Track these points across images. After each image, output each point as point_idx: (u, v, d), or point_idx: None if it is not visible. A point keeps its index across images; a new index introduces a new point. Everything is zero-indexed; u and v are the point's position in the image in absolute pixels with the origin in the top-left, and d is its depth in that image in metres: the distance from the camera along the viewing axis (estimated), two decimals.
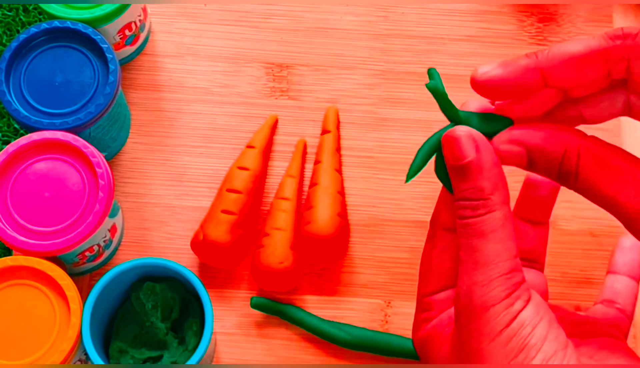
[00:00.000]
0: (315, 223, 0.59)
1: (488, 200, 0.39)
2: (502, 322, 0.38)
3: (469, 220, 0.39)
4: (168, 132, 0.66)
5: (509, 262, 0.38)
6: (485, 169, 0.39)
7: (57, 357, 0.52)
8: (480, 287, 0.38)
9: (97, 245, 0.58)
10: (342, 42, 0.68)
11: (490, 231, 0.39)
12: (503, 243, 0.39)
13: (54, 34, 0.59)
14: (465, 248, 0.39)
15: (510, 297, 0.38)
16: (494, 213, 0.39)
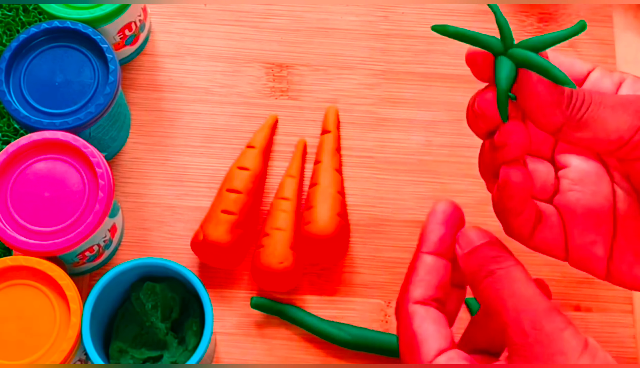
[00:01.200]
0: (315, 223, 0.59)
1: (508, 257, 0.43)
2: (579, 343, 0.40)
3: (498, 273, 0.42)
4: (168, 132, 0.66)
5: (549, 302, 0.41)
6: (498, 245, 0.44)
7: (57, 357, 0.52)
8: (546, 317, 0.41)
9: (97, 245, 0.58)
10: (342, 42, 0.68)
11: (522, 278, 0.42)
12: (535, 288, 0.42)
13: (54, 34, 0.59)
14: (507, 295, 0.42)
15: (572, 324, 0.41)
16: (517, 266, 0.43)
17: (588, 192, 0.46)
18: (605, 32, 0.69)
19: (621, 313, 0.62)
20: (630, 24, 0.70)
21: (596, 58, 0.68)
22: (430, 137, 0.66)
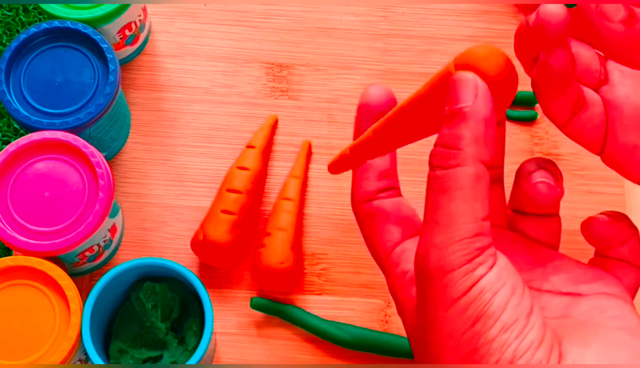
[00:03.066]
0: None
1: (460, 151, 0.35)
2: (459, 288, 0.34)
3: (436, 171, 0.36)
4: (168, 132, 0.66)
5: (473, 225, 0.35)
6: (472, 119, 0.35)
7: (57, 357, 0.52)
8: (439, 250, 0.35)
9: (97, 245, 0.58)
10: (342, 42, 0.68)
11: (456, 188, 0.35)
12: (469, 204, 0.35)
13: (54, 34, 0.59)
14: (429, 204, 0.36)
15: (471, 263, 0.35)
16: (463, 168, 0.35)
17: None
18: None
19: None
20: None
21: None
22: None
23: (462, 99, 0.36)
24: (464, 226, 0.35)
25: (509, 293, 0.35)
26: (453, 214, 0.35)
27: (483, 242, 0.35)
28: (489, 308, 0.34)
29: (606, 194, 0.65)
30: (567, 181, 0.65)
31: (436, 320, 0.35)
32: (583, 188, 0.65)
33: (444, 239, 0.35)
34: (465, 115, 0.36)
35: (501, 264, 0.35)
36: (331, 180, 0.65)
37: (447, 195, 0.35)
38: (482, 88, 0.36)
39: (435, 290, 0.35)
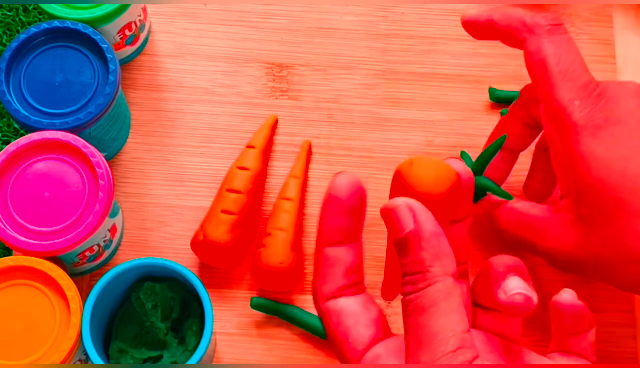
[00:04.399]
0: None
1: (427, 273, 0.36)
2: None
3: (410, 296, 0.37)
4: (168, 132, 0.66)
5: (454, 339, 0.35)
6: (423, 239, 0.36)
7: (57, 357, 0.52)
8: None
9: (97, 245, 0.58)
10: (342, 42, 0.68)
11: (430, 305, 0.36)
12: (446, 318, 0.36)
13: (54, 34, 0.59)
14: (408, 327, 0.37)
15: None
16: (434, 285, 0.36)
17: None
18: (605, 32, 0.69)
19: (621, 313, 0.62)
20: (630, 24, 0.70)
21: (596, 58, 0.68)
22: (430, 137, 0.66)
23: (403, 226, 0.37)
24: (445, 341, 0.35)
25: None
26: (432, 331, 0.35)
27: (466, 356, 0.35)
28: None
29: None
30: None
31: None
32: None
33: (429, 357, 0.35)
34: (414, 238, 0.37)
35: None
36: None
37: (423, 315, 0.36)
38: (417, 206, 0.37)
39: None
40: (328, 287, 0.41)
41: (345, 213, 0.41)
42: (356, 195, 0.41)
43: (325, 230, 0.42)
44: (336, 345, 0.41)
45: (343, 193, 0.41)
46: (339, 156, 0.65)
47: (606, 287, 0.63)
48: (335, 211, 0.41)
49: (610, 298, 0.62)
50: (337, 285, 0.41)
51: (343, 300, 0.41)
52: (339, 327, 0.40)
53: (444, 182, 0.38)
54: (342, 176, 0.42)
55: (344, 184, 0.41)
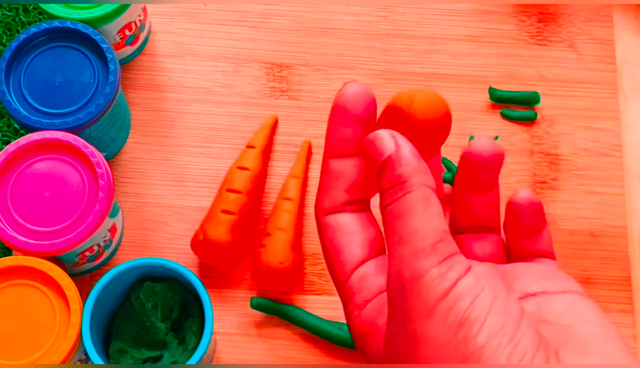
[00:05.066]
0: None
1: (405, 183, 0.36)
2: (435, 293, 0.33)
3: (388, 207, 0.36)
4: (168, 132, 0.66)
5: (434, 234, 0.35)
6: (403, 158, 0.36)
7: (57, 357, 0.52)
8: (407, 261, 0.34)
9: (97, 245, 0.58)
10: (342, 42, 0.68)
11: (408, 210, 0.35)
12: (425, 220, 0.35)
13: (54, 34, 0.59)
14: (388, 233, 0.36)
15: (441, 265, 0.34)
16: (412, 193, 0.35)
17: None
18: (605, 32, 0.69)
19: (621, 313, 0.62)
20: (630, 24, 0.70)
21: (596, 58, 0.68)
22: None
23: (385, 150, 0.36)
24: (425, 235, 0.35)
25: (491, 297, 0.34)
26: (412, 230, 0.35)
27: (447, 248, 0.35)
28: (471, 313, 0.33)
29: (606, 194, 0.65)
30: (567, 181, 0.65)
31: (418, 333, 0.33)
32: (583, 188, 0.65)
33: (409, 250, 0.34)
34: (395, 159, 0.36)
35: (478, 271, 0.35)
36: None
37: (402, 218, 0.35)
38: (398, 134, 0.37)
39: (411, 301, 0.34)
40: (329, 201, 0.39)
41: (353, 124, 0.39)
42: (366, 105, 0.39)
43: (331, 141, 0.39)
44: (328, 261, 0.40)
45: (351, 103, 0.39)
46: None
47: (606, 287, 0.63)
48: (342, 121, 0.39)
49: (611, 298, 0.62)
50: (338, 200, 0.39)
51: (342, 216, 0.39)
52: (332, 243, 0.39)
53: (439, 108, 0.38)
54: (351, 85, 0.39)
55: (353, 93, 0.39)
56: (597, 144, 0.66)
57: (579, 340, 0.35)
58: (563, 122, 0.67)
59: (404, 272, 0.34)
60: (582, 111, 0.67)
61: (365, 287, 0.38)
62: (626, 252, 0.63)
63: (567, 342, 0.35)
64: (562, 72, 0.68)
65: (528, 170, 0.65)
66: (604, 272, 0.63)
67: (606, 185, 0.65)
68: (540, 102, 0.67)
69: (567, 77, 0.68)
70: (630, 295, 0.62)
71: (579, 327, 0.36)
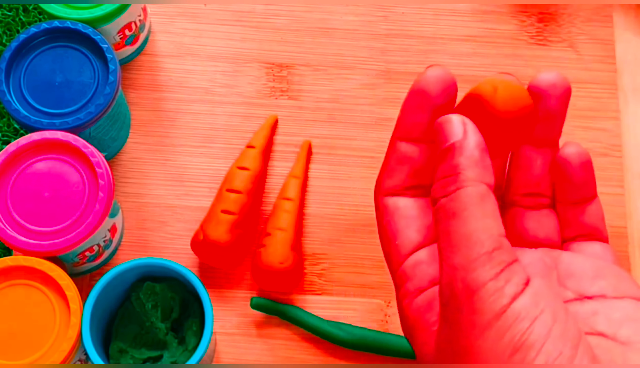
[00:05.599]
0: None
1: (459, 175, 0.34)
2: (491, 309, 0.32)
3: (440, 201, 0.34)
4: (168, 132, 0.66)
5: (489, 240, 0.33)
6: (467, 148, 0.34)
7: (57, 357, 0.52)
8: (461, 271, 0.33)
9: (97, 245, 0.58)
10: (342, 42, 0.68)
11: (462, 209, 0.33)
12: (480, 222, 0.33)
13: (54, 34, 0.59)
14: (440, 234, 0.34)
15: (497, 279, 0.32)
16: (465, 189, 0.34)
17: None
18: (605, 32, 0.69)
19: None
20: (630, 24, 0.70)
21: (596, 58, 0.68)
22: None
23: (452, 136, 0.35)
24: (480, 242, 0.33)
25: (550, 321, 0.32)
26: (466, 234, 0.33)
27: (504, 257, 0.33)
28: (528, 337, 0.31)
29: (606, 194, 0.65)
30: None
31: (471, 349, 0.32)
32: None
33: (463, 259, 0.33)
34: (458, 147, 0.35)
35: (535, 287, 0.33)
36: (331, 180, 0.65)
37: (455, 219, 0.34)
38: (470, 124, 0.35)
39: (465, 315, 0.32)
40: (391, 182, 0.38)
41: (429, 110, 0.38)
42: (445, 91, 0.38)
43: (403, 123, 0.38)
44: (383, 244, 0.38)
45: (431, 87, 0.37)
46: (339, 156, 0.65)
47: None
48: (418, 105, 0.38)
49: None
50: (402, 183, 0.38)
51: (402, 200, 0.38)
52: (389, 226, 0.38)
53: (522, 101, 0.36)
54: (434, 69, 0.38)
55: (434, 78, 0.37)
56: (597, 144, 0.66)
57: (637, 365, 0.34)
58: None
59: (457, 282, 0.33)
60: (581, 111, 0.67)
61: (418, 275, 0.36)
62: (626, 252, 0.63)
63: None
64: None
65: None
66: None
67: (606, 185, 0.65)
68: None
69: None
70: None
71: (636, 345, 0.34)
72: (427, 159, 0.38)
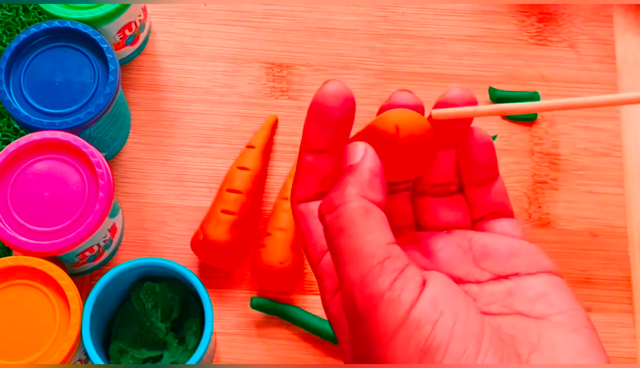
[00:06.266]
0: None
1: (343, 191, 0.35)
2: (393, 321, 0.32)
3: (326, 218, 0.35)
4: (168, 132, 0.66)
5: (380, 250, 0.34)
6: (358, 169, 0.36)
7: (57, 357, 0.52)
8: (358, 286, 0.33)
9: (97, 245, 0.58)
10: (342, 42, 0.68)
11: (348, 225, 0.34)
12: (367, 235, 0.34)
13: (54, 34, 0.59)
14: (332, 252, 0.35)
15: (393, 287, 0.33)
16: (349, 204, 0.35)
17: None
18: (605, 32, 0.69)
19: (621, 313, 0.62)
20: (630, 24, 0.70)
21: (596, 58, 0.68)
22: None
23: (351, 159, 0.36)
24: (370, 255, 0.34)
25: (450, 322, 0.33)
26: (355, 249, 0.34)
27: (396, 264, 0.34)
28: (432, 342, 0.32)
29: (606, 194, 0.65)
30: (567, 181, 0.65)
31: (381, 357, 0.33)
32: (583, 188, 0.65)
33: (357, 275, 0.34)
34: (351, 168, 0.36)
35: (432, 289, 0.34)
36: None
37: (343, 235, 0.34)
38: (371, 151, 0.37)
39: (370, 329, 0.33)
40: (302, 192, 0.40)
41: (329, 124, 0.39)
42: (343, 106, 0.39)
43: (307, 137, 0.39)
44: (302, 245, 0.40)
45: (329, 103, 0.39)
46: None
47: (606, 287, 0.63)
48: (318, 120, 0.39)
49: (611, 299, 0.62)
50: (312, 191, 0.39)
51: (314, 204, 0.39)
52: (304, 228, 0.39)
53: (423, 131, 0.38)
54: (331, 84, 0.39)
55: (332, 92, 0.38)
56: (597, 143, 0.66)
57: (550, 340, 0.35)
58: (563, 122, 0.67)
59: (356, 300, 0.33)
60: (582, 111, 0.67)
61: (333, 273, 0.37)
62: (626, 252, 0.63)
63: (538, 345, 0.35)
64: (562, 72, 0.68)
65: (528, 170, 0.65)
66: (604, 272, 0.63)
67: (606, 185, 0.65)
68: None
69: (567, 77, 0.68)
70: (630, 295, 0.62)
71: (551, 319, 0.36)
72: (332, 167, 0.40)
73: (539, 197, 0.65)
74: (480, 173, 0.42)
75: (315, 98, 0.39)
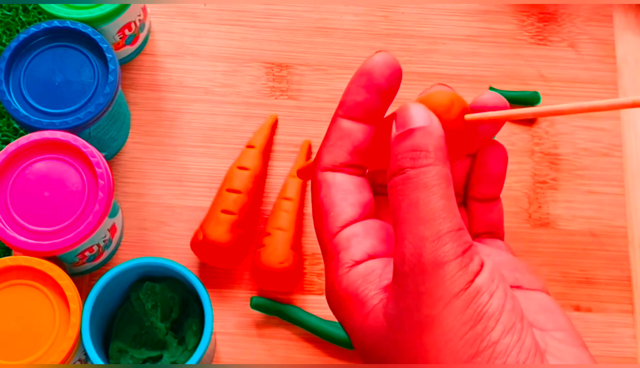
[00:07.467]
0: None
1: (429, 153, 0.35)
2: (458, 283, 0.33)
3: (408, 172, 0.35)
4: (168, 132, 0.66)
5: (457, 219, 0.34)
6: (435, 134, 0.36)
7: (57, 357, 0.52)
8: (431, 243, 0.34)
9: (96, 245, 0.58)
10: (342, 42, 0.68)
11: (434, 184, 0.34)
12: (447, 200, 0.34)
13: (53, 33, 0.59)
14: (406, 204, 0.35)
15: (464, 256, 0.34)
16: (436, 166, 0.35)
17: None
18: (605, 32, 0.69)
19: (621, 313, 0.62)
20: (630, 24, 0.70)
21: (596, 58, 0.68)
22: None
23: (420, 120, 0.36)
24: (448, 219, 0.34)
25: (504, 296, 0.34)
26: (435, 209, 0.34)
27: (467, 238, 0.34)
28: (488, 309, 0.33)
29: (606, 194, 0.65)
30: (567, 181, 0.65)
31: (433, 319, 0.33)
32: (583, 188, 0.65)
33: (432, 232, 0.34)
34: (427, 130, 0.36)
35: (490, 266, 0.35)
36: None
37: (425, 192, 0.34)
38: (435, 117, 0.36)
39: (430, 287, 0.33)
40: (330, 157, 0.39)
41: (373, 91, 0.39)
42: (392, 76, 0.39)
43: (347, 102, 0.39)
44: (317, 217, 0.39)
45: (378, 71, 0.39)
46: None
47: (606, 286, 0.63)
48: (364, 85, 0.39)
49: (611, 298, 0.62)
50: (339, 159, 0.39)
51: (339, 176, 0.39)
52: (325, 199, 0.38)
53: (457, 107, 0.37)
54: (382, 54, 0.39)
55: (382, 62, 0.39)
56: (597, 143, 0.66)
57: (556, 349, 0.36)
58: (563, 122, 0.67)
59: (425, 254, 0.34)
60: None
61: (354, 245, 0.37)
62: (626, 252, 0.63)
63: (546, 350, 0.36)
64: (562, 72, 0.68)
65: (528, 170, 0.65)
66: (604, 272, 0.63)
67: (606, 185, 0.65)
68: (540, 102, 0.67)
69: (567, 77, 0.68)
70: (630, 295, 0.62)
71: (552, 334, 0.37)
72: (367, 140, 0.39)
73: (539, 197, 0.65)
74: (489, 186, 0.42)
75: (364, 64, 0.39)
